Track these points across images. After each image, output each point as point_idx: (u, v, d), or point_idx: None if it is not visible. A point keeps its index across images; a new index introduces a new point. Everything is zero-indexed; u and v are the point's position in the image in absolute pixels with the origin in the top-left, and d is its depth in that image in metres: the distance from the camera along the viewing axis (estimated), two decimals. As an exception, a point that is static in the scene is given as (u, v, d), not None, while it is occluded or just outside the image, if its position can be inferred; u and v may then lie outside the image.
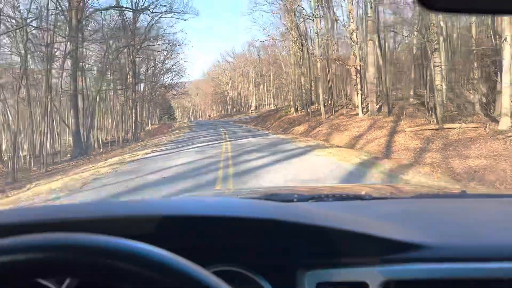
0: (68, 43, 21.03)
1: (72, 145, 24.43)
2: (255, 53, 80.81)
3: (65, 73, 23.16)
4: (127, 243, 0.46)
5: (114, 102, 35.73)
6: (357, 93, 23.77)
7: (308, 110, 32.28)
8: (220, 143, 16.42)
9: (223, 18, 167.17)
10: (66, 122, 26.83)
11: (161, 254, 0.45)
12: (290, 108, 40.62)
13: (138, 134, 42.29)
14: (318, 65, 26.83)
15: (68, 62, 23.13)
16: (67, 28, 22.22)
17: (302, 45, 34.17)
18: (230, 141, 17.22)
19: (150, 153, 14.66)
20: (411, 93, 21.86)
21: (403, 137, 13.14)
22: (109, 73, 28.64)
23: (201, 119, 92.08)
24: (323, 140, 16.88)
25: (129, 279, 0.44)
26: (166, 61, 56.30)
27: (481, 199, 1.49)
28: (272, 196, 1.36)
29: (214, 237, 0.77)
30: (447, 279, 0.73)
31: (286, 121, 31.10)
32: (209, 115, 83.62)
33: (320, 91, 26.84)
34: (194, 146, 15.52)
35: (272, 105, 69.61)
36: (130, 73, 33.27)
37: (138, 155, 14.34)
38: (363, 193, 1.52)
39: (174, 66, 57.35)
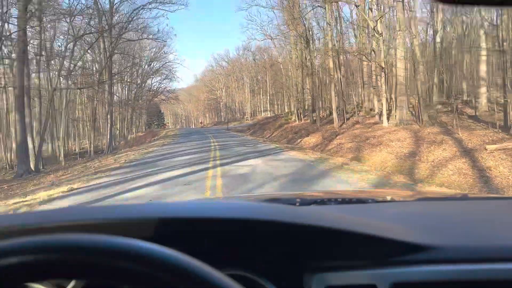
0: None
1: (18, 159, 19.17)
2: (250, 58, 76.53)
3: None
4: (141, 244, 0.45)
5: (89, 106, 30.70)
6: (381, 97, 19.05)
7: (314, 118, 27.56)
8: (204, 168, 10.16)
9: (216, 18, 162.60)
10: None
11: (177, 256, 0.44)
12: (291, 115, 35.94)
13: (117, 143, 37.15)
14: (330, 63, 22.05)
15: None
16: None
17: (308, 41, 29.53)
18: (222, 165, 10.76)
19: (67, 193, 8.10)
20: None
21: (493, 160, 8.31)
22: (72, 65, 23.53)
23: (193, 126, 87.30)
24: (352, 158, 11.98)
25: (142, 281, 0.43)
26: (153, 63, 51.68)
27: (483, 201, 1.52)
28: (273, 201, 1.36)
29: (220, 240, 0.75)
30: (456, 280, 0.72)
31: (289, 130, 26.23)
32: (201, 122, 78.39)
33: (333, 93, 22.04)
34: (156, 178, 8.89)
35: (269, 112, 65.19)
36: (106, 71, 28.23)
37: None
38: (365, 197, 1.52)
39: (162, 68, 52.58)
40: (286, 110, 48.28)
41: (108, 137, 28.70)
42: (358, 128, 20.34)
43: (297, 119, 30.28)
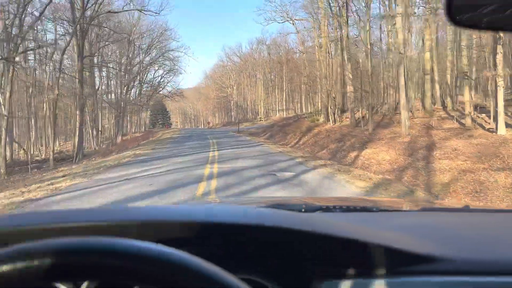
0: None
1: None
2: (265, 52, 68.85)
3: None
4: (149, 246, 0.47)
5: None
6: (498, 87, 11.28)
7: (357, 118, 19.82)
8: None
9: (227, 9, 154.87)
10: None
11: (191, 260, 0.45)
12: (318, 115, 28.20)
13: (99, 146, 29.77)
14: (399, 34, 14.24)
15: None
16: None
17: (347, 17, 21.87)
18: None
19: None
20: None
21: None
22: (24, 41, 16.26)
23: (202, 127, 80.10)
24: None
25: (152, 282, 0.44)
26: (153, 51, 44.40)
27: (486, 213, 1.52)
28: (279, 206, 1.35)
29: (229, 245, 0.76)
30: None
31: (325, 135, 18.47)
32: (209, 123, 70.49)
33: (402, 80, 14.24)
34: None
35: (284, 112, 57.60)
36: (77, 52, 20.93)
37: None
38: (369, 205, 1.53)
39: (163, 59, 45.27)
40: (309, 110, 40.67)
41: (77, 141, 21.27)
42: (448, 136, 12.55)
43: (330, 121, 22.54)
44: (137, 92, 46.83)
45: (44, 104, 23.72)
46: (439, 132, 13.95)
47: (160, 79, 55.03)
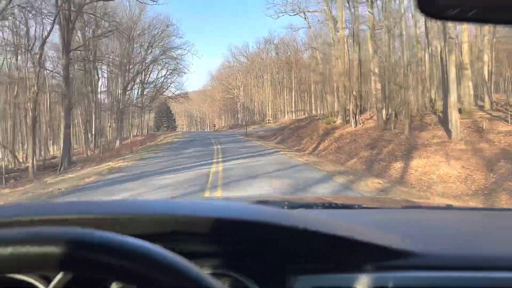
0: None
1: None
2: (272, 52, 66.08)
3: None
4: (131, 241, 0.46)
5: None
6: None
7: (386, 119, 16.99)
8: None
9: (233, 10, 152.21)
10: None
11: (161, 252, 0.45)
12: (335, 116, 25.32)
13: (93, 151, 27.17)
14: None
15: None
16: None
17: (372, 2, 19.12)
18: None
19: None
20: None
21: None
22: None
23: (208, 130, 77.53)
24: None
25: (125, 276, 0.44)
26: (155, 49, 41.87)
27: (467, 211, 1.53)
28: (262, 203, 1.34)
29: (203, 240, 0.75)
30: (438, 287, 0.74)
31: (349, 139, 15.60)
32: (214, 125, 67.74)
33: (453, 72, 11.33)
34: None
35: (293, 114, 54.88)
36: (62, 43, 18.41)
37: None
38: (351, 202, 1.53)
39: (165, 57, 42.68)
40: (321, 111, 37.77)
41: (63, 147, 18.64)
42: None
43: (350, 123, 19.63)
44: (138, 93, 44.36)
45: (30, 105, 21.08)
46: (498, 137, 11.01)
47: (164, 79, 52.55)
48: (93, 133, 26.65)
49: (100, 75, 33.07)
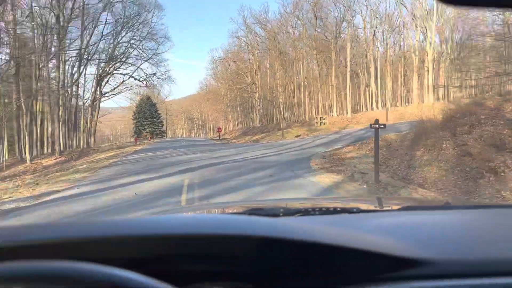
0: None
1: None
2: (304, 14, 43.52)
3: None
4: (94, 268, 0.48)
5: None
6: None
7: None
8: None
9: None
10: None
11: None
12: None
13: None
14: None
15: None
16: None
17: None
18: None
19: None
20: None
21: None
22: None
23: (211, 135, 56.22)
24: None
25: None
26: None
27: (467, 210, 1.46)
28: (256, 211, 1.33)
29: (201, 254, 0.72)
30: None
31: None
32: (219, 129, 43.85)
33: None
34: None
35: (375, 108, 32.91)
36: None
37: None
38: (350, 206, 1.48)
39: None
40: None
41: None
42: None
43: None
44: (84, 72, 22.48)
45: None
46: None
47: (127, 45, 30.35)
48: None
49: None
